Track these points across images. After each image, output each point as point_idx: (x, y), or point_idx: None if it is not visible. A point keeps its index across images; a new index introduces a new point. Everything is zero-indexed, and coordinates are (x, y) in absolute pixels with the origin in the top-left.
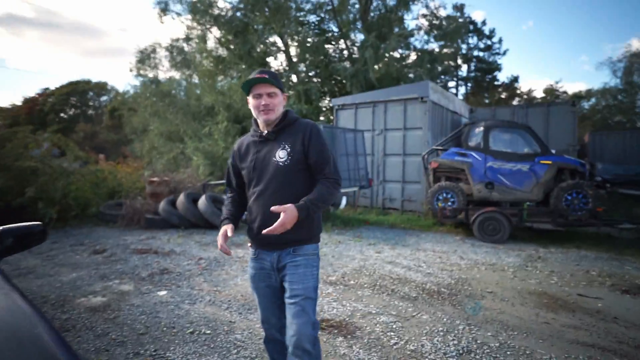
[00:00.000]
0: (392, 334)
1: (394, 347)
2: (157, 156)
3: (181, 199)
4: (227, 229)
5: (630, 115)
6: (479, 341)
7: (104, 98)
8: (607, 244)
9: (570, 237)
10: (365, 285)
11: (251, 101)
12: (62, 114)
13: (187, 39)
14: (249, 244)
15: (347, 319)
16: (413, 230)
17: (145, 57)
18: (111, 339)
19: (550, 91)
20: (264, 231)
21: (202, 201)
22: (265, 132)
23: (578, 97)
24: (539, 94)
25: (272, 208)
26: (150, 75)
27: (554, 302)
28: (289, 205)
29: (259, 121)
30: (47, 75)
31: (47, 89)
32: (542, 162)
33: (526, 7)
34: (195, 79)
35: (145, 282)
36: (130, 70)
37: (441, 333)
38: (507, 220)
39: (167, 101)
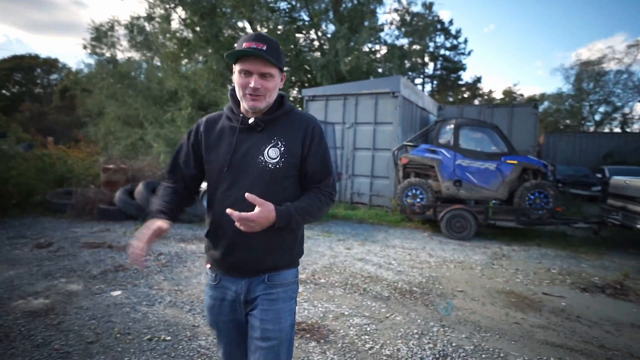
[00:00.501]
0: (366, 337)
1: (370, 352)
2: (114, 141)
3: (140, 188)
4: (159, 223)
5: (578, 120)
6: (454, 344)
7: (53, 76)
8: (563, 242)
9: (530, 235)
10: (337, 284)
11: (236, 76)
12: (3, 91)
13: (149, 17)
14: (207, 266)
15: (320, 321)
16: (381, 225)
17: (101, 35)
18: (53, 350)
19: (508, 93)
20: (228, 210)
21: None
22: (252, 118)
23: (533, 99)
24: (498, 94)
25: (248, 195)
26: (107, 54)
27: (521, 301)
28: (269, 204)
29: (242, 104)
30: None
31: None
32: (508, 161)
33: (489, 10)
34: (157, 62)
35: (96, 280)
36: (84, 48)
37: (416, 336)
38: (473, 218)
39: (125, 83)
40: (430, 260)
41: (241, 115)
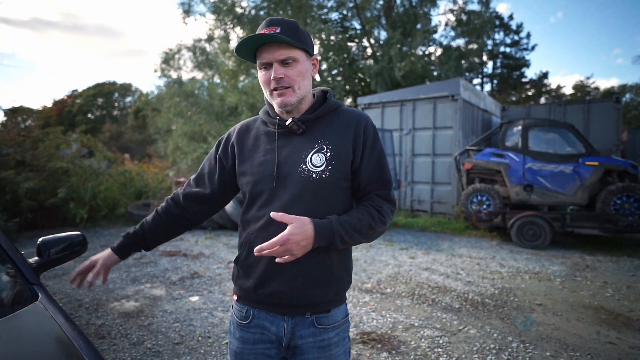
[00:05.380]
0: (439, 350)
1: None
2: (182, 156)
3: None
4: (104, 258)
5: None
6: None
7: (128, 99)
8: None
9: (619, 245)
10: (404, 294)
11: (259, 73)
12: (89, 115)
13: (210, 39)
14: (235, 297)
15: (389, 331)
16: (445, 233)
17: (169, 58)
18: (147, 348)
19: (580, 87)
20: (256, 250)
21: (229, 203)
22: (290, 119)
23: (610, 93)
24: (568, 90)
25: (274, 214)
26: (174, 75)
27: (614, 318)
28: (304, 218)
29: (273, 104)
30: (74, 77)
31: (75, 90)
32: (587, 163)
33: None
34: (218, 79)
35: (176, 286)
36: (155, 71)
37: (494, 351)
38: (548, 225)
39: (190, 101)
40: (502, 270)
41: (277, 117)
